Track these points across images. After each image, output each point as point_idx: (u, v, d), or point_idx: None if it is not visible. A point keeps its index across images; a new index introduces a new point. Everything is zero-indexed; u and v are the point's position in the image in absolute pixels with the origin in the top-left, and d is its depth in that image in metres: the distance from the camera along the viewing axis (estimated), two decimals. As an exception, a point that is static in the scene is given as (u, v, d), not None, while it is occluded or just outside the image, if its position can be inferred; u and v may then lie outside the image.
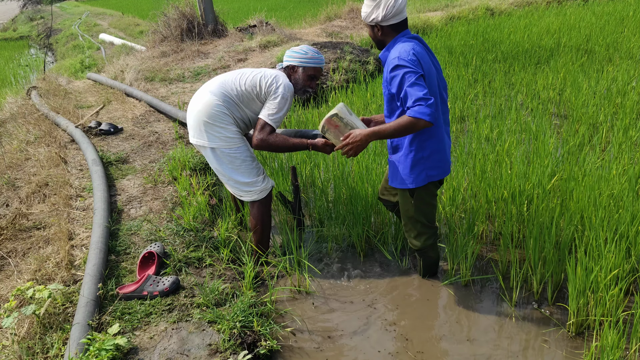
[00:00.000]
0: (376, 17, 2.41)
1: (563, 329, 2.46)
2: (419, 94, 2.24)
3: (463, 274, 2.83)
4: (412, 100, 2.25)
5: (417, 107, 2.23)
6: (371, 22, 2.46)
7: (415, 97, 2.24)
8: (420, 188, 2.57)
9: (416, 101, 2.24)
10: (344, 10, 11.17)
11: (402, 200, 2.67)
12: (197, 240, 3.12)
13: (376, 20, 2.42)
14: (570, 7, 11.12)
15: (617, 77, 5.51)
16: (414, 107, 2.24)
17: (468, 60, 6.76)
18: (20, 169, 4.29)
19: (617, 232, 2.61)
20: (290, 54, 2.83)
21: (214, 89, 2.74)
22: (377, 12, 2.40)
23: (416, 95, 2.24)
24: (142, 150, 4.64)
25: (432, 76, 2.44)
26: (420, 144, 2.49)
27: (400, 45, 2.40)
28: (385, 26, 2.45)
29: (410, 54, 2.33)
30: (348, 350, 2.44)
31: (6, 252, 3.06)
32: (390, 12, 2.38)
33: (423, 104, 2.22)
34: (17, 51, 17.25)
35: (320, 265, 3.14)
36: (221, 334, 2.33)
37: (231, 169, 2.78)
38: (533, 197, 3.08)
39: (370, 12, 2.43)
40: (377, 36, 2.51)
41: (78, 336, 2.17)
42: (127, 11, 22.83)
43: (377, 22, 2.44)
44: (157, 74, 7.45)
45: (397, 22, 2.44)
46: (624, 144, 3.83)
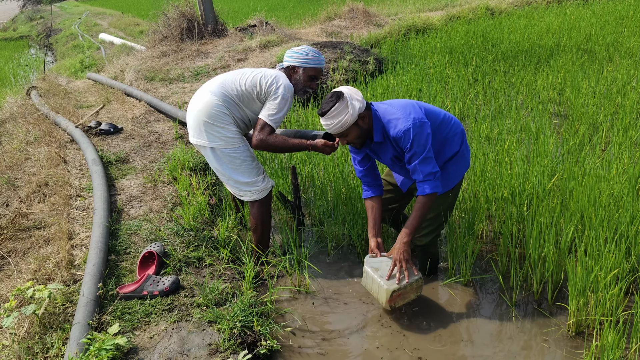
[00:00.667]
0: (360, 105, 2.36)
1: (563, 328, 2.46)
2: (429, 169, 2.35)
3: (463, 273, 2.83)
4: (424, 174, 2.35)
5: (431, 183, 2.36)
6: (359, 115, 2.37)
7: (427, 172, 2.35)
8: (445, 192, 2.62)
9: (427, 176, 2.35)
10: (344, 10, 11.16)
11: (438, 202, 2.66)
12: (197, 240, 3.12)
13: (361, 109, 2.36)
14: (570, 6, 11.11)
15: (617, 77, 5.51)
16: (426, 184, 2.36)
17: (468, 60, 6.76)
18: (20, 169, 4.29)
19: (617, 232, 2.61)
20: (290, 55, 2.82)
21: (214, 89, 2.73)
22: (357, 102, 2.35)
23: (426, 170, 2.35)
24: (142, 150, 4.64)
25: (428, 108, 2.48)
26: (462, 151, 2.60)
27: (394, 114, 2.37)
28: (364, 111, 2.40)
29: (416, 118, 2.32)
30: (348, 350, 2.44)
31: (6, 251, 3.06)
32: (359, 94, 2.39)
33: (432, 178, 2.36)
34: (17, 51, 17.25)
35: (320, 265, 3.14)
36: (221, 333, 2.33)
37: (231, 168, 2.78)
38: (533, 197, 3.08)
39: (352, 108, 2.34)
40: (364, 128, 2.42)
41: (78, 336, 2.17)
42: (127, 11, 22.82)
43: (361, 111, 2.36)
44: (157, 73, 7.45)
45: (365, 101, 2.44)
46: (623, 144, 3.83)
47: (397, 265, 2.44)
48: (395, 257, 2.45)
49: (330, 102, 2.34)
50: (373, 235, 2.58)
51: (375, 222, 2.60)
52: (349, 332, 2.56)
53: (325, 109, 2.34)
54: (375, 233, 2.59)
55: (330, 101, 2.34)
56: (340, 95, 2.34)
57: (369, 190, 2.63)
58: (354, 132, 2.41)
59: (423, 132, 2.33)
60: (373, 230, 2.59)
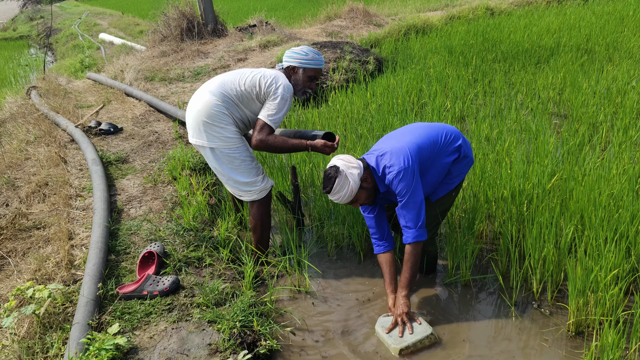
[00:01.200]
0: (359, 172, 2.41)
1: (563, 328, 2.46)
2: (412, 217, 2.41)
3: (463, 273, 2.83)
4: (405, 220, 2.43)
5: (416, 232, 2.43)
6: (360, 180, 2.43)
7: (409, 219, 2.42)
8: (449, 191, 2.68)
9: (409, 222, 2.43)
10: (343, 10, 11.16)
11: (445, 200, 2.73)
12: (196, 240, 3.12)
13: (360, 174, 2.41)
14: (570, 6, 11.11)
15: (617, 77, 5.51)
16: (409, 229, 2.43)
17: (468, 60, 6.76)
18: (20, 169, 4.29)
19: (617, 232, 2.61)
20: (290, 55, 2.82)
21: (213, 89, 2.73)
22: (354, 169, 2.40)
23: (409, 217, 2.42)
24: (142, 150, 4.64)
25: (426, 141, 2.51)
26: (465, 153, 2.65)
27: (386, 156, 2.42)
28: (364, 173, 2.45)
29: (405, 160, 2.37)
30: (348, 350, 2.44)
31: (6, 251, 3.06)
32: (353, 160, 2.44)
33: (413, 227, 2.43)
34: (17, 51, 17.24)
35: (320, 265, 3.14)
36: (221, 333, 2.33)
37: (230, 168, 2.77)
38: (533, 197, 3.07)
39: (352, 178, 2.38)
40: (369, 188, 2.47)
41: (78, 336, 2.17)
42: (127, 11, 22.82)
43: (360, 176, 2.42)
44: (157, 73, 7.45)
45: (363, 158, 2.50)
46: (623, 144, 3.83)
47: (399, 320, 2.47)
48: (397, 313, 2.48)
49: (330, 181, 2.40)
50: (391, 292, 2.60)
51: (392, 278, 2.62)
52: (348, 332, 2.56)
53: (328, 187, 2.41)
54: (392, 289, 2.60)
55: (329, 179, 2.40)
56: (336, 169, 2.40)
57: (381, 245, 2.66)
58: (363, 195, 2.48)
59: (406, 179, 2.38)
60: (390, 287, 2.61)
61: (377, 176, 2.48)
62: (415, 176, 2.39)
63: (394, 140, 2.53)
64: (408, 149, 2.42)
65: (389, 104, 5.11)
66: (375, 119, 4.75)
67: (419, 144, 2.47)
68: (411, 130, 2.60)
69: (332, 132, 2.89)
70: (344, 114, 5.11)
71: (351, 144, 4.09)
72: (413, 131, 2.58)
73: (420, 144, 2.48)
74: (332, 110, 5.28)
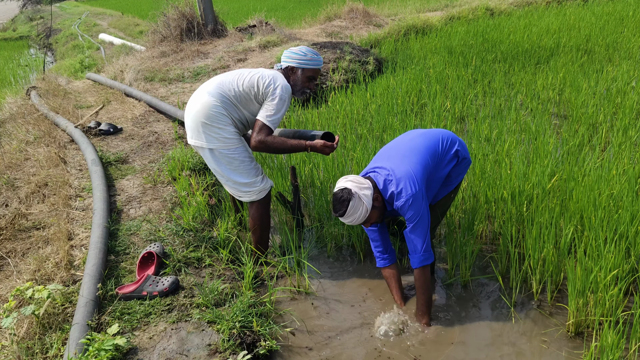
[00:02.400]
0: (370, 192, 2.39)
1: (562, 329, 2.46)
2: (420, 242, 2.44)
3: (462, 274, 2.83)
4: (413, 245, 2.46)
5: (421, 257, 2.45)
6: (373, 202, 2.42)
7: (417, 244, 2.45)
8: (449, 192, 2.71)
9: (416, 247, 2.45)
10: (343, 10, 11.15)
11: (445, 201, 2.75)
12: (196, 240, 3.12)
13: (372, 194, 2.40)
14: (570, 7, 11.11)
15: (616, 77, 5.51)
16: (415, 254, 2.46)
17: (468, 61, 6.76)
18: (20, 169, 4.29)
19: (617, 232, 2.61)
20: (288, 55, 2.82)
21: (211, 90, 2.73)
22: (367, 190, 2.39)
23: (418, 242, 2.45)
24: (141, 151, 4.64)
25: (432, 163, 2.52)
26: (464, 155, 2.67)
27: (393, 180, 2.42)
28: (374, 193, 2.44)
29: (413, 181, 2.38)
30: (347, 351, 2.44)
31: (5, 252, 3.06)
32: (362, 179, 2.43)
33: (419, 252, 2.45)
34: (16, 51, 17.24)
35: (319, 265, 3.13)
36: (220, 334, 2.32)
37: (230, 169, 2.77)
38: (533, 197, 3.07)
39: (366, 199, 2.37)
40: (380, 206, 2.46)
41: (77, 336, 2.17)
42: (126, 11, 22.82)
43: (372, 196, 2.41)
44: (157, 74, 7.45)
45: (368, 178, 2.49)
46: (623, 144, 3.83)
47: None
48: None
49: (343, 204, 2.36)
50: (399, 300, 2.72)
51: (399, 289, 2.72)
52: (348, 332, 2.56)
53: (342, 211, 2.37)
54: (400, 299, 2.72)
55: (342, 202, 2.36)
56: (349, 192, 2.36)
57: (385, 259, 2.68)
58: (375, 215, 2.46)
59: (415, 205, 2.39)
60: (398, 297, 2.73)
61: (385, 194, 2.47)
62: (424, 199, 2.41)
63: (398, 159, 2.50)
64: (414, 172, 2.42)
65: (388, 105, 5.11)
66: (375, 120, 4.75)
67: (422, 164, 2.48)
68: (411, 147, 2.57)
69: (331, 132, 2.89)
70: (343, 115, 5.11)
71: (351, 144, 4.09)
72: (413, 148, 2.55)
73: (423, 162, 2.49)
74: (332, 111, 5.28)
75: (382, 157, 2.60)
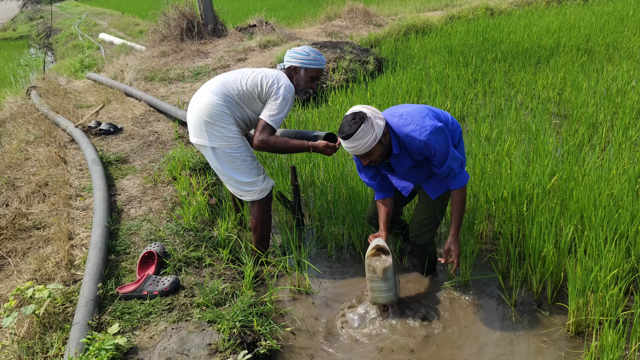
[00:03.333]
0: (383, 124, 2.32)
1: (562, 328, 2.46)
2: (458, 164, 2.42)
3: (463, 273, 2.83)
4: (457, 169, 2.43)
5: (462, 177, 2.46)
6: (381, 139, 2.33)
7: (458, 166, 2.42)
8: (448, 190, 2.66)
9: (459, 168, 2.43)
10: (343, 10, 11.15)
11: (439, 202, 2.70)
12: (196, 240, 3.12)
13: (383, 129, 2.32)
14: (570, 6, 11.11)
15: (617, 77, 5.51)
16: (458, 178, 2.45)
17: (468, 60, 6.76)
18: (20, 169, 4.29)
19: (617, 232, 2.61)
20: (291, 55, 2.82)
21: (215, 89, 2.73)
22: (380, 120, 2.32)
23: (457, 165, 2.42)
24: (141, 150, 4.64)
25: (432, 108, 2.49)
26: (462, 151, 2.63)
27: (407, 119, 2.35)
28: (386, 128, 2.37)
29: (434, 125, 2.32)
30: (347, 351, 2.44)
31: (6, 251, 3.06)
32: (378, 112, 2.36)
33: (462, 170, 2.46)
34: (16, 51, 17.24)
35: (320, 265, 3.14)
36: (221, 333, 2.33)
37: (231, 168, 2.77)
38: (533, 197, 3.08)
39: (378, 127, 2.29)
40: (386, 145, 2.38)
41: (78, 336, 2.17)
42: (126, 11, 22.82)
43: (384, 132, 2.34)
44: (157, 73, 7.45)
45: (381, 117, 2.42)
46: (623, 144, 3.83)
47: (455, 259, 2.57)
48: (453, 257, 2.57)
49: (354, 124, 2.24)
50: (383, 229, 2.66)
51: (387, 218, 2.68)
52: (348, 332, 2.56)
53: (350, 132, 2.24)
54: (384, 226, 2.67)
55: (354, 123, 2.25)
56: (364, 116, 2.26)
57: (381, 193, 2.68)
58: (378, 151, 2.35)
59: (441, 135, 2.34)
60: (383, 224, 2.67)
61: (393, 135, 2.40)
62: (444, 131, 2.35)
63: (410, 107, 2.46)
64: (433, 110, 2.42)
65: (389, 104, 5.11)
66: (375, 119, 4.74)
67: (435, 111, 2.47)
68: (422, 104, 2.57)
69: (333, 132, 2.89)
70: (344, 114, 5.10)
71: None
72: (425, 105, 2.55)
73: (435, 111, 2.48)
74: (332, 110, 5.28)
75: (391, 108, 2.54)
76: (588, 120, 4.48)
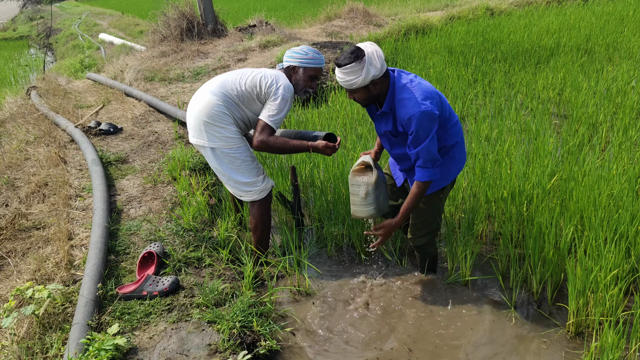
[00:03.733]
0: (376, 73, 2.29)
1: (562, 329, 2.46)
2: (430, 157, 2.36)
3: (463, 273, 2.83)
4: (423, 160, 2.36)
5: (429, 172, 2.38)
6: (372, 79, 2.31)
7: (427, 159, 2.36)
8: (437, 191, 2.60)
9: (427, 162, 2.36)
10: (343, 10, 11.16)
11: (425, 203, 2.66)
12: (196, 240, 3.12)
13: (377, 75, 2.30)
14: (570, 7, 11.11)
15: (617, 77, 5.51)
16: (425, 170, 2.37)
17: (468, 60, 6.76)
18: (20, 169, 4.29)
19: (617, 232, 2.61)
20: (290, 55, 2.82)
21: (214, 89, 2.73)
22: (373, 68, 2.28)
23: (427, 157, 2.36)
24: (141, 150, 4.64)
25: (443, 99, 2.46)
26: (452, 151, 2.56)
27: (408, 91, 2.32)
28: (380, 77, 2.35)
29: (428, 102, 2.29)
30: (347, 351, 2.44)
31: (6, 252, 3.06)
32: (381, 59, 2.31)
33: (430, 166, 2.38)
34: (16, 51, 17.24)
35: (320, 265, 3.13)
36: (221, 334, 2.33)
37: (231, 169, 2.77)
38: (533, 197, 3.07)
39: (366, 73, 2.27)
40: (373, 93, 2.38)
41: (77, 336, 2.17)
42: (126, 11, 22.82)
43: (375, 78, 2.31)
44: (157, 73, 7.45)
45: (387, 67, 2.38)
46: (623, 144, 3.83)
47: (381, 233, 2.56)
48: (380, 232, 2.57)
49: (348, 58, 2.26)
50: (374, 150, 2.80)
51: (380, 149, 2.81)
52: (348, 332, 2.56)
53: (342, 63, 2.28)
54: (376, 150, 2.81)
55: (349, 57, 2.26)
56: (360, 55, 2.24)
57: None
58: (361, 94, 2.38)
59: (428, 122, 2.30)
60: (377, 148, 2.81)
61: (390, 94, 2.38)
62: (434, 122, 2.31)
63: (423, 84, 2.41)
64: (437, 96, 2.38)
65: (388, 104, 5.10)
66: (375, 119, 4.74)
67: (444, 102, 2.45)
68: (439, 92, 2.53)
69: (333, 132, 2.89)
70: (343, 114, 5.11)
71: (351, 144, 4.09)
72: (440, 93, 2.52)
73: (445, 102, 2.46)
74: (332, 111, 5.28)
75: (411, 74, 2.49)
76: (588, 120, 4.48)
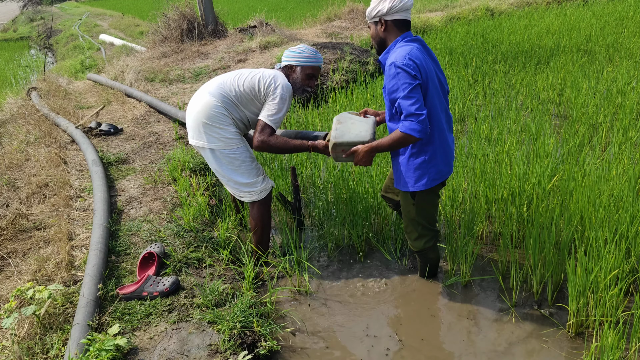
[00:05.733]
0: (382, 8, 2.40)
1: (563, 329, 2.46)
2: (411, 109, 2.27)
3: (463, 274, 2.83)
4: (404, 114, 2.30)
5: (407, 123, 2.29)
6: (376, 15, 2.43)
7: (407, 112, 2.28)
8: (423, 191, 2.55)
9: (407, 116, 2.29)
10: (344, 10, 11.17)
11: (404, 203, 2.64)
12: (197, 240, 3.12)
13: (381, 13, 2.40)
14: (570, 7, 11.12)
15: (617, 78, 5.51)
16: (405, 122, 2.30)
17: (468, 61, 6.76)
18: (20, 170, 4.29)
19: (617, 233, 2.61)
20: (288, 54, 2.83)
21: (212, 90, 2.74)
22: (384, 4, 2.39)
23: (408, 110, 2.28)
24: (142, 151, 4.64)
25: (432, 81, 2.40)
26: (421, 147, 2.47)
27: (400, 49, 2.37)
28: (389, 21, 2.43)
29: (406, 58, 2.30)
30: (347, 351, 2.44)
31: (6, 252, 3.07)
32: (397, 5, 2.38)
33: (414, 120, 2.27)
34: (17, 52, 17.26)
35: (320, 265, 3.14)
36: (221, 334, 2.33)
37: (231, 169, 2.78)
38: (533, 198, 3.08)
39: (376, 5, 2.42)
40: (379, 34, 2.48)
41: (78, 336, 2.17)
42: (127, 12, 22.85)
43: (382, 15, 2.42)
44: (157, 74, 7.46)
45: (401, 19, 2.42)
46: (623, 145, 3.84)
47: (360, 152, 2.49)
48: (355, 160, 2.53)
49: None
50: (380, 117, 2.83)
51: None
52: (348, 332, 2.56)
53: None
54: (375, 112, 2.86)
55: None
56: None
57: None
58: (371, 30, 2.53)
59: (407, 77, 2.29)
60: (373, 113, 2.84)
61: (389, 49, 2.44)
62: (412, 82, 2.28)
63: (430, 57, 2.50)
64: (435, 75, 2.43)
65: (389, 105, 5.11)
66: (375, 120, 4.74)
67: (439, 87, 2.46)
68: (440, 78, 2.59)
69: None
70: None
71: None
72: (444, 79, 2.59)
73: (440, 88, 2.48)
74: (332, 111, 5.28)
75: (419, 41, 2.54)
76: (588, 120, 4.48)
